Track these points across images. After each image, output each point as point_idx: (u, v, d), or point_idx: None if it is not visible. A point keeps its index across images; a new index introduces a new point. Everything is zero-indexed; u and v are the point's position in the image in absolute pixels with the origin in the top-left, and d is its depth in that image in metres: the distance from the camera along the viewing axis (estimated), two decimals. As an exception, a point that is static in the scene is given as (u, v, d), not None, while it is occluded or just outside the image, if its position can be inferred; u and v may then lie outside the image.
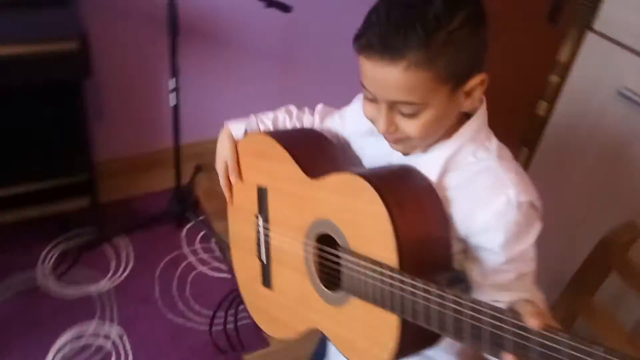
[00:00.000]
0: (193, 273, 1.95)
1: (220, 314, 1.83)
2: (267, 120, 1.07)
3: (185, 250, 2.04)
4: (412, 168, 0.83)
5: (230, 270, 1.92)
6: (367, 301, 0.79)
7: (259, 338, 1.76)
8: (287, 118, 1.08)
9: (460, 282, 0.83)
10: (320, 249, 0.90)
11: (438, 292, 0.67)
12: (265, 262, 1.04)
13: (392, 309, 0.74)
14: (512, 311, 0.62)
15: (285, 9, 1.77)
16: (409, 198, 0.78)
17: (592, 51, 1.44)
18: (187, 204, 2.11)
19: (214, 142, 1.09)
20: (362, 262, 0.78)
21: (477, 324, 0.63)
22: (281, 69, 2.42)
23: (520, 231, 0.77)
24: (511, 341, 0.61)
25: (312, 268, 0.92)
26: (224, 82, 2.32)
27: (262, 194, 1.02)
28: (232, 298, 1.86)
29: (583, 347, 0.55)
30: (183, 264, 1.98)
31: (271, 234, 1.01)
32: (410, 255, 0.74)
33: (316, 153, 0.98)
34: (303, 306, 0.96)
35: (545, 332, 0.58)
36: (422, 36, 0.68)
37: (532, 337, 0.59)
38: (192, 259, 2.01)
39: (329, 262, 0.87)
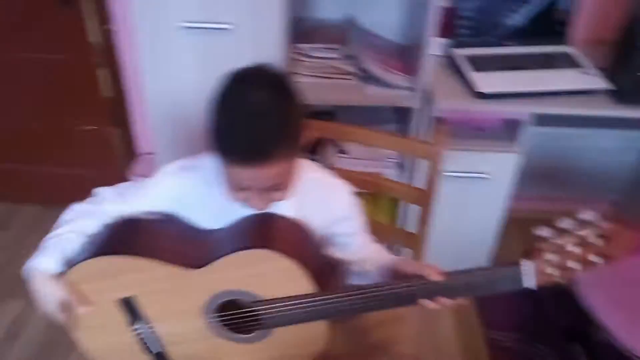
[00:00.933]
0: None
1: None
2: (64, 241, 1.01)
3: None
4: (273, 214, 1.02)
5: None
6: (296, 324, 0.99)
7: None
8: (75, 230, 1.04)
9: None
10: (225, 314, 1.03)
11: (355, 291, 0.94)
12: (160, 350, 1.09)
13: (323, 318, 0.99)
14: (417, 276, 0.93)
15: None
16: (293, 240, 1.01)
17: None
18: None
19: None
20: (284, 302, 0.98)
21: (395, 293, 0.94)
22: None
23: (359, 210, 1.10)
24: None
25: (220, 329, 1.05)
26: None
27: (128, 304, 1.04)
28: None
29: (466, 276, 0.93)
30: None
31: (157, 328, 1.06)
32: (316, 279, 0.96)
33: (171, 244, 1.05)
34: (221, 358, 1.09)
35: (445, 280, 0.92)
36: (279, 142, 0.89)
37: (438, 286, 0.92)
38: None
39: (239, 318, 1.03)
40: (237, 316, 1.04)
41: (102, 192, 1.10)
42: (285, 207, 1.02)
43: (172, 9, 1.53)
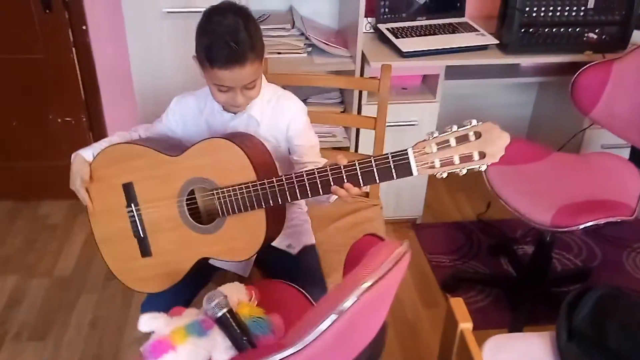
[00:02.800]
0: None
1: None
2: (105, 143, 1.38)
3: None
4: (237, 131, 1.35)
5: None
6: (242, 210, 1.22)
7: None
8: (118, 138, 1.41)
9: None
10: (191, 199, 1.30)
11: (287, 177, 1.16)
12: (142, 236, 1.35)
13: (261, 204, 1.20)
14: (330, 164, 1.12)
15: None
16: (246, 141, 1.26)
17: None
18: None
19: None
20: (237, 189, 1.21)
21: (317, 181, 1.14)
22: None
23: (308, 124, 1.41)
24: (342, 177, 1.11)
25: (188, 217, 1.30)
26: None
27: (128, 188, 1.34)
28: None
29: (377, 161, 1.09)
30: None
31: (143, 212, 1.34)
32: (259, 171, 1.21)
33: (166, 143, 1.40)
34: (186, 249, 1.32)
35: (351, 163, 1.10)
36: (251, 49, 1.20)
37: (348, 169, 1.11)
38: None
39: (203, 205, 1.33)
40: (202, 202, 1.32)
41: (137, 128, 1.48)
42: (253, 110, 1.34)
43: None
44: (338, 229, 1.70)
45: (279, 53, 2.14)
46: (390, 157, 1.07)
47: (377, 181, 1.10)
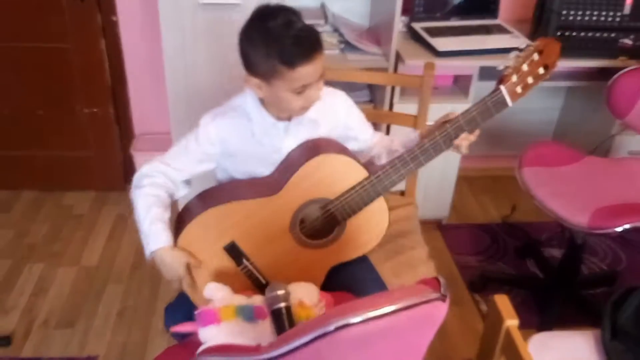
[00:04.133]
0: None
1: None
2: (159, 223, 1.19)
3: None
4: (305, 140, 1.29)
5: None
6: (363, 208, 1.25)
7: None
8: (159, 208, 1.21)
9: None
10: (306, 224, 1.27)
11: (401, 160, 1.24)
12: (265, 283, 1.26)
13: (380, 193, 1.25)
14: (441, 124, 1.25)
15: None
16: (333, 144, 1.28)
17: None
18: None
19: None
20: (351, 192, 1.23)
21: (434, 143, 1.25)
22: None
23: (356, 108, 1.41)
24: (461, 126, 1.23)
25: (307, 241, 1.27)
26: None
27: (232, 248, 1.23)
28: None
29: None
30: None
31: (258, 262, 1.26)
32: (364, 166, 1.26)
33: (234, 187, 1.29)
34: (313, 269, 1.28)
35: (462, 115, 1.23)
36: (318, 40, 1.15)
37: (460, 122, 1.23)
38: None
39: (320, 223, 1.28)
40: (317, 221, 1.27)
41: (152, 173, 1.24)
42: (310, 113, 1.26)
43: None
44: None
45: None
46: (488, 100, 1.21)
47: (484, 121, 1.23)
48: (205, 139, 1.25)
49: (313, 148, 1.24)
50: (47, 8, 2.20)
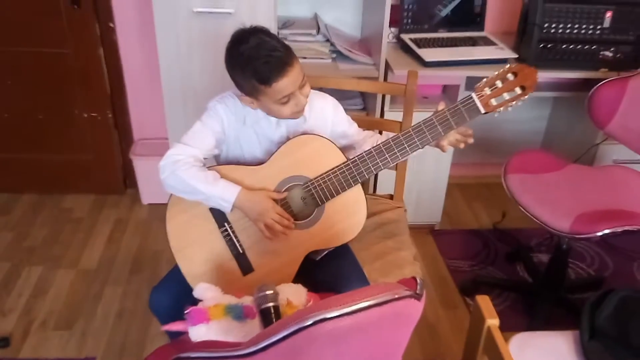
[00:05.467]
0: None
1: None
2: (217, 177, 1.32)
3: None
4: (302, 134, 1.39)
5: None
6: (340, 192, 1.33)
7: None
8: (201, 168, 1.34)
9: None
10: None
11: (373, 150, 1.33)
12: (241, 252, 1.35)
13: (357, 179, 1.33)
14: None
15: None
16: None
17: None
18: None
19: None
20: (329, 174, 1.33)
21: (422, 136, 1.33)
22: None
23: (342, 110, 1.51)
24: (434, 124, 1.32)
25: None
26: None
27: (215, 211, 1.34)
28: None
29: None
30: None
31: (237, 229, 1.35)
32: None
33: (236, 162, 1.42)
34: (290, 250, 1.35)
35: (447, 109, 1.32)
36: (289, 55, 1.25)
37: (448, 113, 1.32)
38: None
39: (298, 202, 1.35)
40: (298, 202, 1.35)
41: (178, 150, 1.35)
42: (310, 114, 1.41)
43: (187, -2, 1.92)
44: (363, 229, 1.74)
45: (305, 58, 2.21)
46: (460, 104, 1.30)
47: (454, 127, 1.32)
48: (214, 118, 1.37)
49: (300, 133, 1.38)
50: (45, 14, 2.26)
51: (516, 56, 2.20)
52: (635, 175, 1.99)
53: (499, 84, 1.31)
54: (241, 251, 1.36)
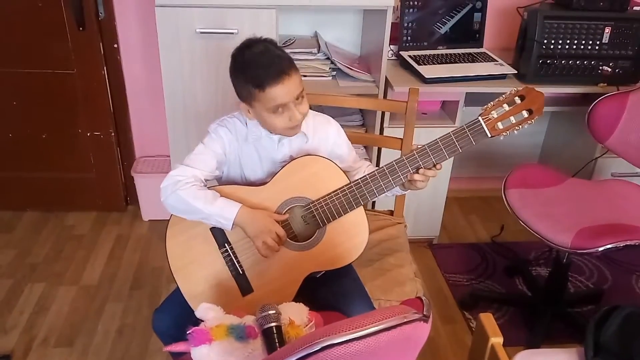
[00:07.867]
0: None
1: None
2: (216, 196, 1.33)
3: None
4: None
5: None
6: (342, 214, 1.33)
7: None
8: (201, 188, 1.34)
9: None
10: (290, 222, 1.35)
11: (377, 173, 1.33)
12: (241, 273, 1.35)
13: (360, 201, 1.33)
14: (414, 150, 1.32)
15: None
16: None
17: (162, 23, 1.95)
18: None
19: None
20: (331, 196, 1.33)
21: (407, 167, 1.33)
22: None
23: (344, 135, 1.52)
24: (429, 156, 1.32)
25: (287, 240, 1.34)
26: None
27: (216, 230, 1.34)
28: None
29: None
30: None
31: (238, 250, 1.35)
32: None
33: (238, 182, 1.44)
34: (290, 272, 1.35)
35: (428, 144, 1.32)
36: (289, 65, 1.27)
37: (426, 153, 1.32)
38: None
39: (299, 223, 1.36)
40: (299, 223, 1.36)
41: (180, 171, 1.35)
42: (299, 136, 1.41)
43: (191, 19, 1.95)
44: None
45: (305, 76, 2.24)
46: (466, 128, 1.30)
47: (460, 150, 1.32)
48: (216, 139, 1.38)
49: (302, 154, 1.39)
50: (51, 36, 2.30)
51: (515, 72, 2.23)
52: (634, 188, 2.01)
53: (505, 107, 1.31)
54: (241, 272, 1.36)
